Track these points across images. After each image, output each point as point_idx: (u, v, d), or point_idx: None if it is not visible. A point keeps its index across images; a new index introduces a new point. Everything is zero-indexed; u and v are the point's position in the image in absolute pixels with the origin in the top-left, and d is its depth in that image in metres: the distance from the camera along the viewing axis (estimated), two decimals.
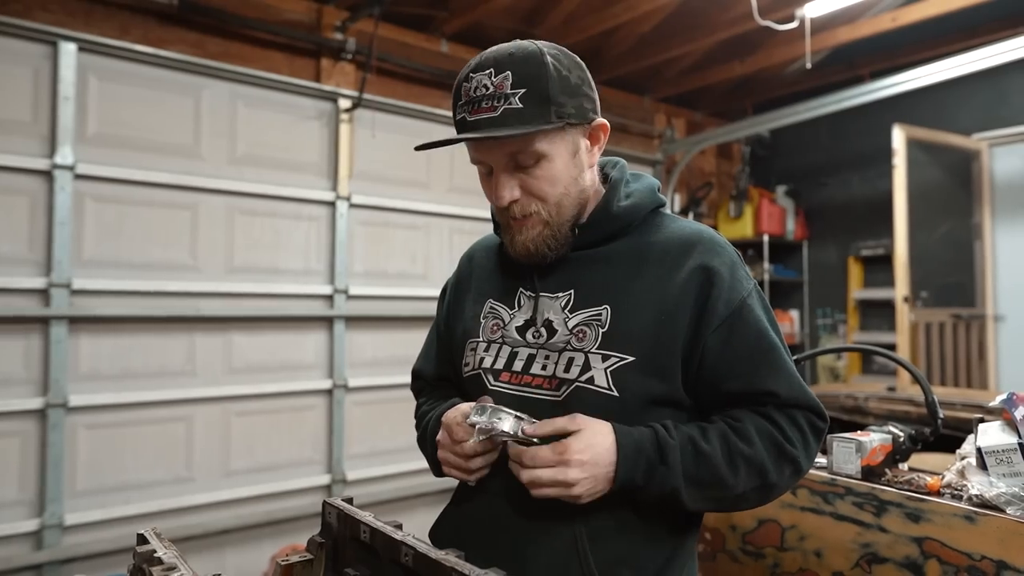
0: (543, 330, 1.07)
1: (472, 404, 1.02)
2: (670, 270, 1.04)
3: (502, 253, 1.20)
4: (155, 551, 0.85)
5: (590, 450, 0.94)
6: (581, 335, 1.03)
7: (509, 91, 0.97)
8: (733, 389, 1.02)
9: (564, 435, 0.95)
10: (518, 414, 0.97)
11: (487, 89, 0.97)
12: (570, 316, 1.06)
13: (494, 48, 1.02)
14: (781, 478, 1.00)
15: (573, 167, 1.04)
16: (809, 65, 4.28)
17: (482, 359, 1.11)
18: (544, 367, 1.05)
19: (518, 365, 1.08)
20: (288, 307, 3.44)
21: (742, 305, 1.02)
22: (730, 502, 1.02)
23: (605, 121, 1.08)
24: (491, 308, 1.16)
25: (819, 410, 1.04)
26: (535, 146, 0.99)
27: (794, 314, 5.73)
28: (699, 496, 0.98)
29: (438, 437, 1.08)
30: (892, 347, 4.26)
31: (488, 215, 1.18)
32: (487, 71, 0.98)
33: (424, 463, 1.18)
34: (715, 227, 5.68)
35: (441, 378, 1.28)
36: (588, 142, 1.07)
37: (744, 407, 1.02)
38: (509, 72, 0.97)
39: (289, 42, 3.67)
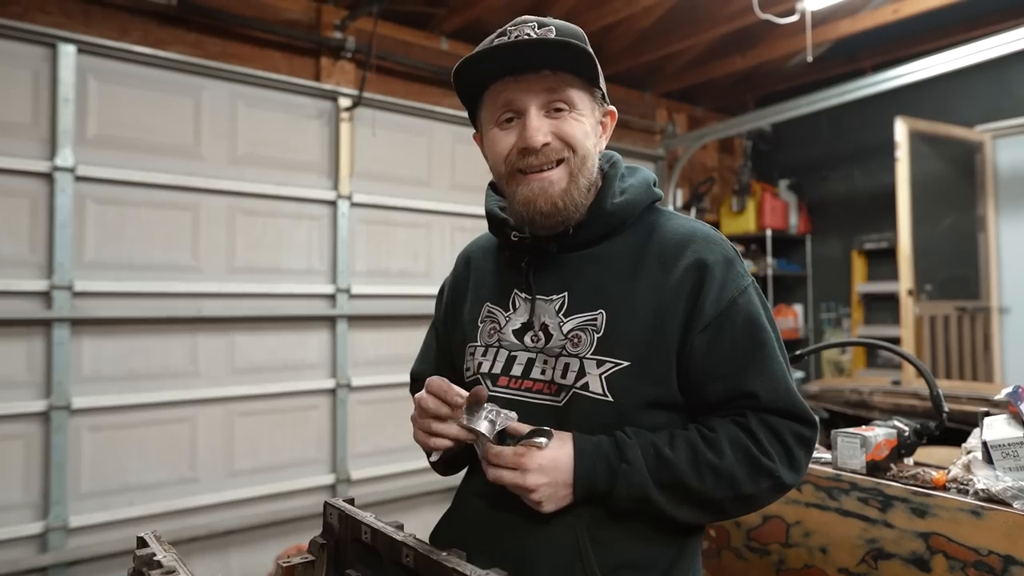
0: (540, 334, 1.05)
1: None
2: (664, 272, 1.01)
3: (499, 254, 1.19)
4: (154, 554, 0.85)
5: (548, 454, 0.94)
6: (576, 340, 1.01)
7: (554, 38, 0.98)
8: (716, 392, 0.99)
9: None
10: (503, 412, 0.95)
11: (529, 37, 0.97)
12: (564, 320, 1.03)
13: None
14: (759, 490, 0.96)
15: (592, 138, 1.05)
16: (810, 58, 4.25)
17: (480, 363, 1.10)
18: (543, 372, 1.04)
19: (517, 369, 1.06)
20: (290, 307, 3.44)
21: (732, 304, 0.99)
22: (709, 509, 0.98)
23: (614, 109, 1.10)
24: (488, 312, 1.14)
25: (805, 417, 0.99)
26: (572, 92, 1.00)
27: (798, 308, 5.72)
28: (672, 499, 0.95)
29: (416, 395, 1.02)
30: (897, 340, 4.24)
31: None
32: (530, 24, 0.99)
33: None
34: (718, 222, 5.68)
35: None
36: (600, 127, 1.07)
37: (725, 414, 0.99)
38: (553, 28, 0.99)
39: (288, 41, 3.66)
